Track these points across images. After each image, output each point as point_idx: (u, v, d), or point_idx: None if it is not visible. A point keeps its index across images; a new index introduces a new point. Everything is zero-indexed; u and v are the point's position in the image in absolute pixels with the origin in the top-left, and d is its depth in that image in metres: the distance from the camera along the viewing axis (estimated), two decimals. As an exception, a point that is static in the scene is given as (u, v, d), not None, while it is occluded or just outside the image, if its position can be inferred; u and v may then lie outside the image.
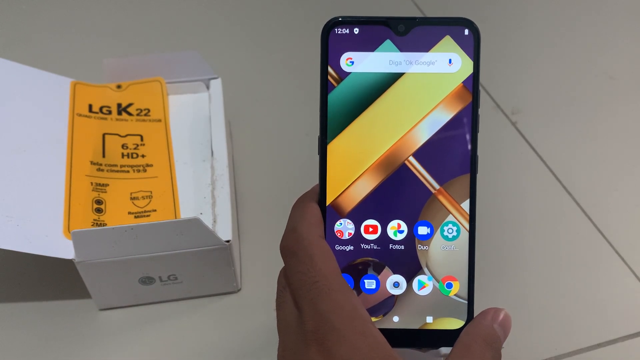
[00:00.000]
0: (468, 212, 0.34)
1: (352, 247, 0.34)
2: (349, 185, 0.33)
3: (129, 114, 0.49)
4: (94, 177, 0.45)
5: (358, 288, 0.34)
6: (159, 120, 0.48)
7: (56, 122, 0.47)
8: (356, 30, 0.33)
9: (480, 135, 0.34)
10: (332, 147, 0.33)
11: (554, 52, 0.64)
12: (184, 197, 0.45)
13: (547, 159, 0.54)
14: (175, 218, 0.43)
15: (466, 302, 0.34)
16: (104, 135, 0.48)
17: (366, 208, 0.33)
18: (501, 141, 0.55)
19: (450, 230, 0.34)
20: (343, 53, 0.33)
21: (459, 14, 0.34)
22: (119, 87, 0.50)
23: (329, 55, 0.33)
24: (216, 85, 0.51)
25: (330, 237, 0.33)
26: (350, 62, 0.33)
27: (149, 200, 0.43)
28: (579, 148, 0.55)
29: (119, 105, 0.49)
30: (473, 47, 0.33)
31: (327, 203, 0.33)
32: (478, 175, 0.34)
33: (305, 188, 0.35)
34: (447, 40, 0.33)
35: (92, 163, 0.46)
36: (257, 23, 0.67)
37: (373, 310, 0.34)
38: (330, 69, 0.33)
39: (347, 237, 0.34)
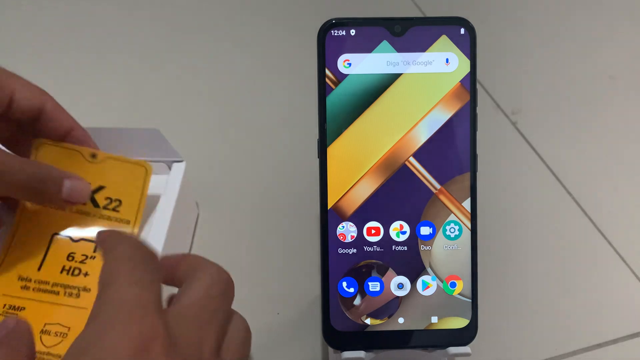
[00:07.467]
0: (469, 210, 0.34)
1: (355, 250, 0.33)
2: (350, 188, 0.33)
3: (96, 204, 0.38)
4: (12, 298, 0.35)
5: (362, 291, 0.34)
6: (127, 222, 0.38)
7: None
8: (352, 32, 0.33)
9: (480, 136, 0.34)
10: (332, 150, 0.33)
11: (554, 52, 0.64)
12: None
13: (547, 159, 0.54)
14: None
15: (470, 300, 0.34)
16: (52, 237, 0.37)
17: (368, 210, 0.33)
18: (501, 141, 0.55)
19: (452, 230, 0.34)
20: (340, 55, 0.33)
21: (459, 14, 0.34)
22: (93, 156, 0.38)
23: (326, 58, 0.33)
24: (178, 169, 0.43)
25: (333, 240, 0.33)
26: (348, 63, 0.33)
27: (61, 340, 0.34)
28: (579, 148, 0.55)
29: None
30: (469, 46, 0.33)
31: (329, 207, 0.33)
32: (478, 175, 0.34)
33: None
34: (444, 40, 0.33)
35: (19, 279, 0.36)
36: (256, 22, 0.67)
37: (378, 313, 0.34)
38: (327, 71, 0.33)
39: (350, 240, 0.33)
